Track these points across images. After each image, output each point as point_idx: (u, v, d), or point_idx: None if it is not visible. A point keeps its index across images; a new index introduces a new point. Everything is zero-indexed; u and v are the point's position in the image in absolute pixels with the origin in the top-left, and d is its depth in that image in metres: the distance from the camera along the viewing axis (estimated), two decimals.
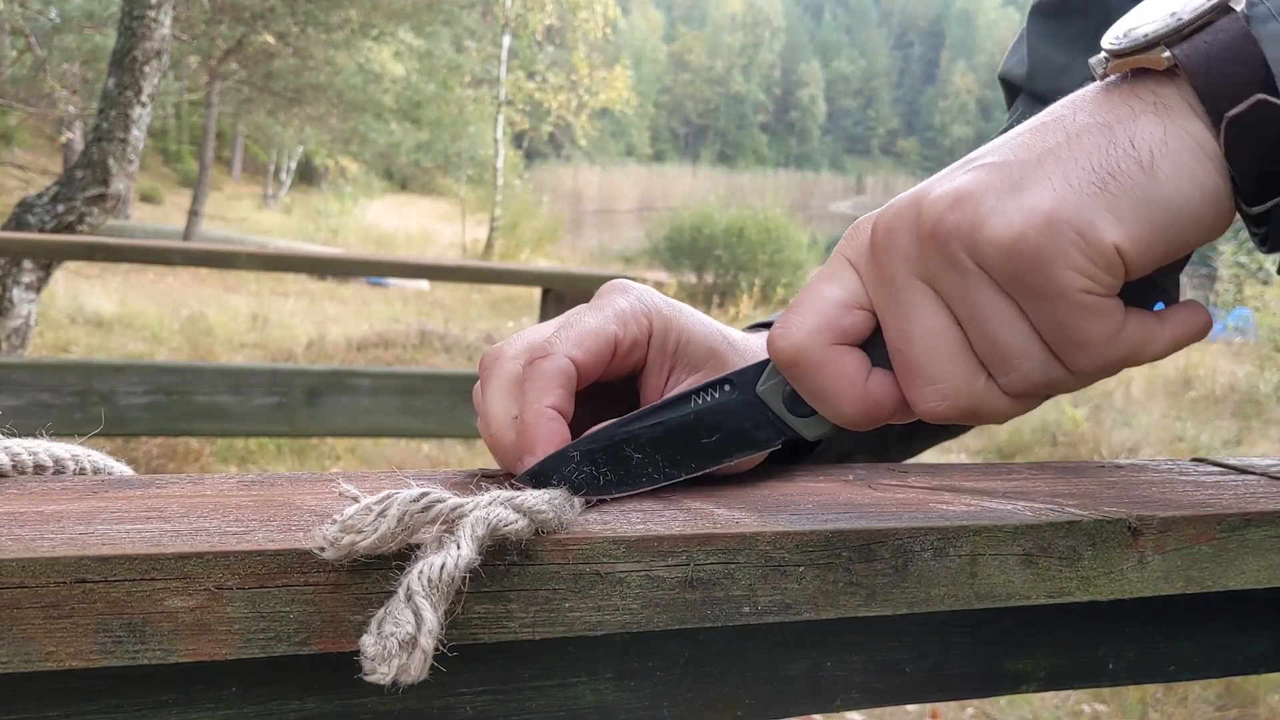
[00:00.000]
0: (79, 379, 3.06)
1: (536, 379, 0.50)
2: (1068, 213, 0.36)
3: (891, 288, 0.40)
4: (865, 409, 0.42)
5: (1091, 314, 0.37)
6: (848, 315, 0.41)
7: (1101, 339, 0.38)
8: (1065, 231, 0.36)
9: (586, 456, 0.46)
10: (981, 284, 0.38)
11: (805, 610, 0.46)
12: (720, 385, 0.46)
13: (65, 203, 5.15)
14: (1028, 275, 0.37)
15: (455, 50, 18.85)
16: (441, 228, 24.36)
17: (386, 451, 5.58)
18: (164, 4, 5.22)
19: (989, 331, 0.38)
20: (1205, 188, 0.37)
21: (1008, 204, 0.37)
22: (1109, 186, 0.37)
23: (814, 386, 0.42)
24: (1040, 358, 0.39)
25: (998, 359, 0.39)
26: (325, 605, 0.39)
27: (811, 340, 0.41)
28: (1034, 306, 0.38)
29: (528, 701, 0.48)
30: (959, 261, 0.38)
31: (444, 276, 5.57)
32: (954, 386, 0.40)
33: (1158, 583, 0.50)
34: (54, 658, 0.37)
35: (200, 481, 0.49)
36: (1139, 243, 0.36)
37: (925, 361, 0.40)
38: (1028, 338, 0.38)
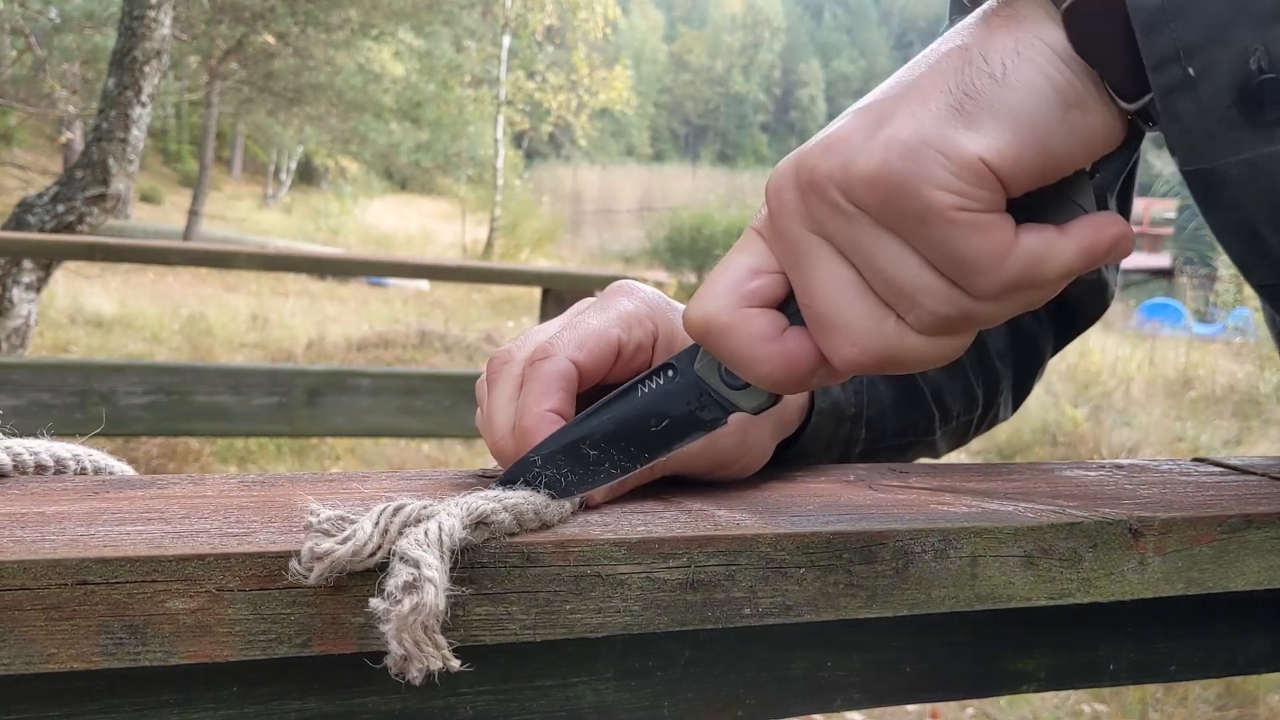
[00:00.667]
0: (79, 379, 3.06)
1: (536, 381, 0.50)
2: (926, 134, 0.37)
3: (788, 244, 0.41)
4: (784, 367, 0.42)
5: (972, 230, 0.37)
6: (755, 279, 0.42)
7: (989, 255, 0.37)
8: (925, 153, 0.37)
9: (548, 460, 0.47)
10: (864, 224, 0.38)
11: (806, 611, 0.46)
12: (664, 370, 0.47)
13: (65, 203, 5.15)
14: (898, 202, 0.37)
15: (455, 50, 18.84)
16: (441, 228, 24.35)
17: (386, 451, 5.58)
18: (164, 4, 5.22)
19: (882, 269, 0.39)
20: (1062, 89, 0.37)
21: (871, 140, 0.38)
22: (965, 105, 0.37)
23: (730, 351, 0.42)
24: (939, 288, 0.39)
25: (898, 296, 0.39)
26: (326, 607, 0.39)
27: (718, 303, 0.42)
28: (916, 235, 0.38)
29: (528, 701, 0.48)
30: (838, 205, 0.39)
31: (444, 276, 5.57)
32: (863, 330, 0.40)
33: (1158, 584, 0.50)
34: (55, 659, 0.37)
35: (201, 482, 0.49)
36: (1004, 153, 0.36)
37: (830, 310, 0.40)
38: (921, 269, 0.38)
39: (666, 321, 0.54)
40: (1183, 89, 0.37)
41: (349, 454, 5.49)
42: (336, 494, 0.48)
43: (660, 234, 16.22)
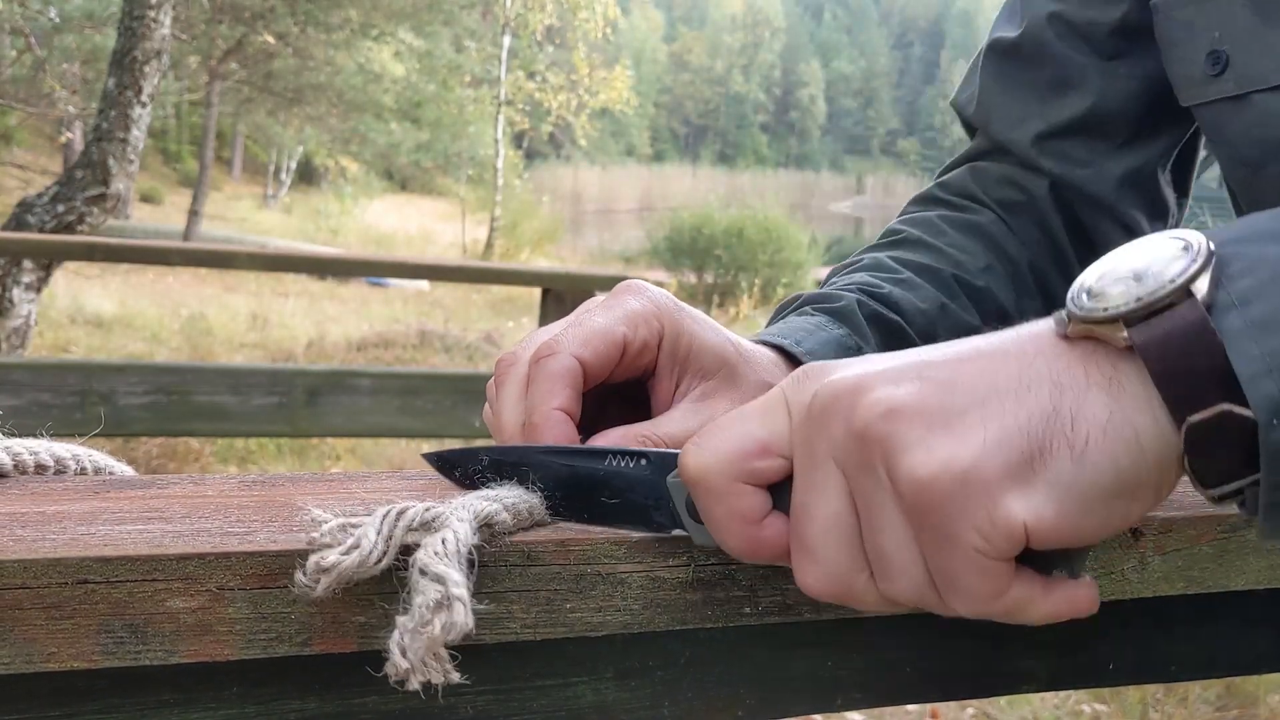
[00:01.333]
0: (79, 379, 3.06)
1: (542, 380, 0.50)
2: (985, 475, 0.36)
3: (810, 458, 0.40)
4: (751, 549, 0.41)
5: (979, 571, 0.37)
6: (763, 459, 0.41)
7: (981, 595, 0.38)
8: (976, 494, 0.36)
9: (494, 465, 0.46)
10: (887, 498, 0.38)
11: (806, 610, 0.46)
12: (639, 457, 0.46)
13: (65, 203, 5.15)
14: (929, 516, 0.37)
15: (455, 50, 18.84)
16: (441, 228, 24.35)
17: (386, 451, 5.58)
18: (164, 4, 5.22)
19: (880, 542, 0.39)
20: (1127, 483, 0.36)
21: (935, 438, 0.37)
22: (1034, 463, 0.36)
23: (710, 513, 0.42)
24: (920, 581, 0.39)
25: (882, 567, 0.39)
26: (327, 606, 0.39)
27: (719, 469, 0.41)
28: (927, 541, 0.37)
29: (529, 701, 0.48)
30: (874, 470, 0.38)
31: (444, 276, 5.58)
32: (836, 573, 0.40)
33: (1159, 583, 0.50)
34: (56, 658, 0.37)
35: (201, 482, 0.49)
36: (1045, 524, 0.36)
37: (817, 541, 0.40)
38: (914, 561, 0.38)
39: (673, 322, 0.54)
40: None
41: (349, 454, 5.49)
42: (336, 494, 0.48)
43: (660, 234, 16.21)
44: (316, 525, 0.39)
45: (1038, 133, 0.80)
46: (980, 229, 0.80)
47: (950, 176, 0.86)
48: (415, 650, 0.36)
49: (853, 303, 0.69)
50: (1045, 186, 0.81)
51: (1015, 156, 0.82)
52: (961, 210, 0.82)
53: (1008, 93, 0.82)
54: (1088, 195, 0.80)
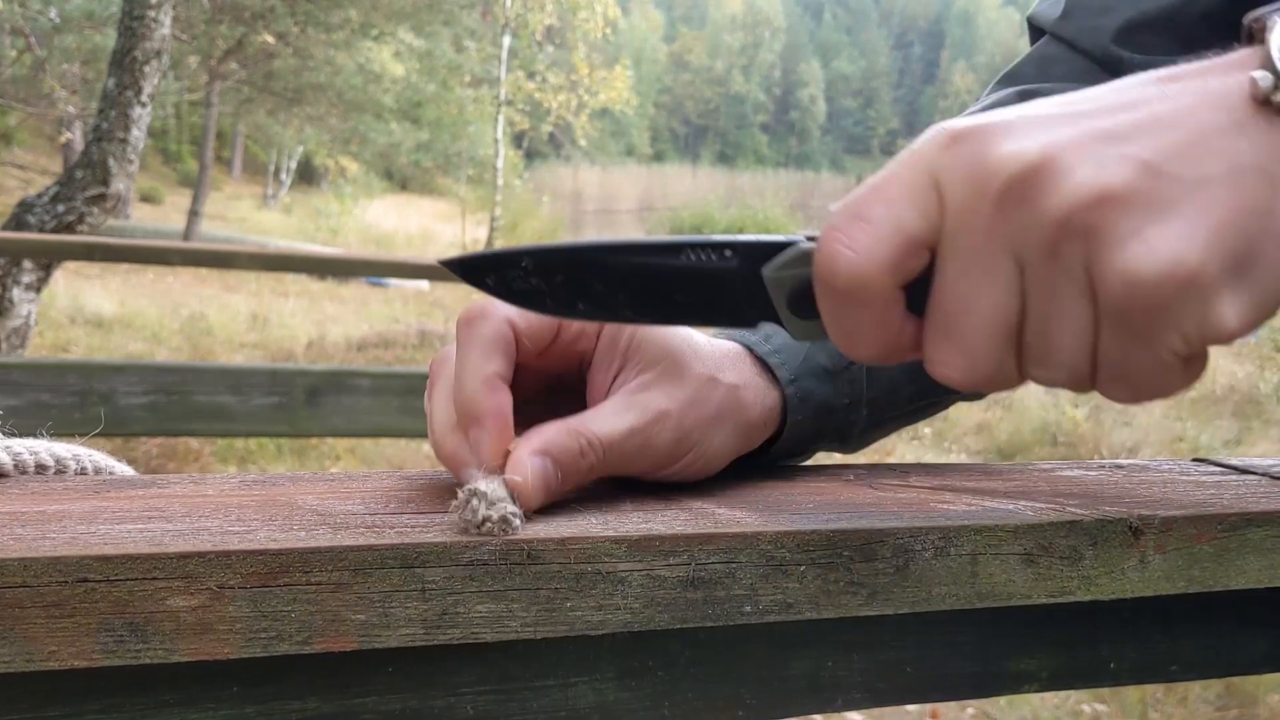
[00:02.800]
0: (79, 379, 3.06)
1: (473, 344, 0.46)
2: (1208, 277, 0.33)
3: (980, 249, 0.35)
4: (882, 353, 0.38)
5: (1163, 369, 0.35)
6: (916, 256, 0.36)
7: (1154, 388, 0.35)
8: (1196, 297, 0.33)
9: (539, 267, 0.41)
10: (1077, 291, 0.34)
11: (806, 609, 0.46)
12: (720, 249, 0.40)
13: (65, 203, 5.15)
14: (1137, 316, 0.33)
15: (455, 50, 18.85)
16: (441, 228, 24.36)
17: (386, 451, 5.58)
18: (164, 4, 5.22)
19: (1053, 332, 0.35)
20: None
21: (1154, 233, 0.33)
22: (1244, 265, 0.33)
23: (852, 319, 0.37)
24: (1084, 370, 0.36)
25: (1043, 354, 0.36)
26: (327, 605, 0.39)
27: (882, 278, 0.36)
28: (1119, 338, 0.34)
29: (529, 701, 0.48)
30: (1070, 261, 0.34)
31: (444, 276, 5.58)
32: (983, 364, 0.36)
33: (1159, 582, 0.50)
34: (56, 657, 0.37)
35: (201, 481, 0.49)
36: (1247, 327, 0.34)
37: (973, 337, 0.36)
38: (1086, 350, 0.35)
39: None
40: None
41: (349, 454, 5.49)
42: (336, 494, 0.48)
43: (660, 233, 16.24)
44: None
45: (1126, 20, 0.75)
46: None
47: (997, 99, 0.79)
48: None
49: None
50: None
51: (1086, 53, 0.77)
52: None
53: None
54: None
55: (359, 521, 0.43)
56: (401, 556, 0.40)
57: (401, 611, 0.40)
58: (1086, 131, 0.35)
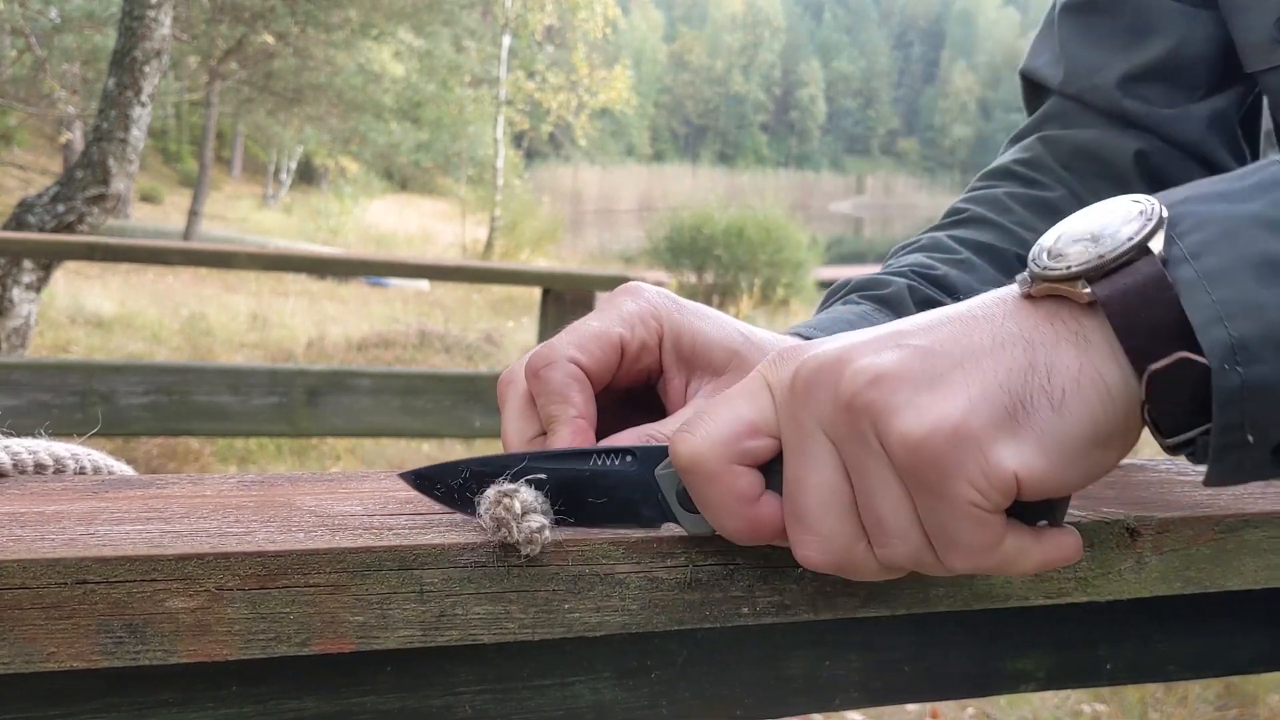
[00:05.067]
0: (79, 379, 3.05)
1: (549, 391, 0.50)
2: (975, 429, 0.37)
3: (799, 433, 0.41)
4: (748, 529, 0.42)
5: (974, 524, 0.38)
6: (753, 438, 0.42)
7: (978, 548, 0.39)
8: (969, 447, 0.37)
9: (475, 477, 0.46)
10: (880, 463, 0.39)
11: (804, 611, 0.46)
12: (624, 454, 0.46)
13: (65, 203, 5.15)
14: (924, 474, 0.38)
15: (455, 50, 18.85)
16: (441, 228, 24.35)
17: (386, 451, 5.58)
18: (164, 4, 5.22)
19: (875, 506, 0.40)
20: (1101, 432, 0.38)
21: (922, 399, 0.38)
22: (1018, 414, 0.38)
23: (704, 496, 0.42)
24: (917, 543, 0.40)
25: (878, 531, 0.40)
26: (325, 606, 0.39)
27: (712, 453, 0.41)
28: (923, 500, 0.39)
29: (527, 700, 0.48)
30: (864, 437, 0.39)
31: (444, 276, 5.58)
32: (834, 543, 0.41)
33: (1156, 583, 0.50)
34: (55, 658, 0.37)
35: (200, 482, 0.49)
36: (1034, 473, 0.38)
37: (814, 513, 0.40)
38: (910, 522, 0.39)
39: (673, 321, 0.53)
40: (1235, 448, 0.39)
41: (349, 454, 5.49)
42: (335, 494, 0.48)
43: (660, 234, 16.22)
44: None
45: (1122, 74, 0.79)
46: (1051, 205, 0.79)
47: (1021, 148, 0.84)
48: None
49: (903, 289, 0.68)
50: (1130, 151, 0.79)
51: (1096, 108, 0.80)
52: (1031, 185, 0.81)
53: (1089, 44, 0.81)
54: (1175, 140, 0.79)
55: (357, 523, 0.43)
56: (400, 558, 0.40)
57: (399, 613, 0.40)
58: (880, 335, 0.41)
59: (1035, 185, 0.81)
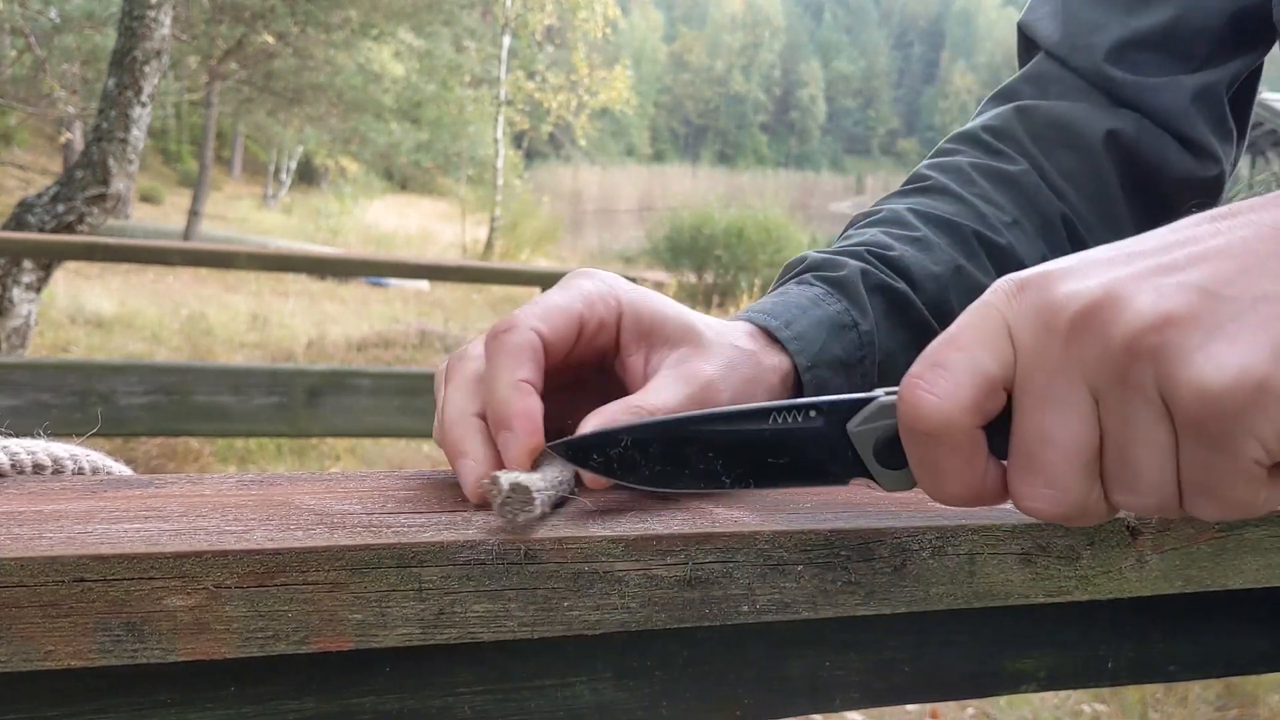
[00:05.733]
0: (79, 379, 3.06)
1: (504, 353, 0.48)
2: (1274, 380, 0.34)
3: (1054, 386, 0.37)
4: (968, 493, 0.39)
5: (1246, 481, 0.35)
6: (994, 397, 0.38)
7: (1241, 503, 0.36)
8: (1268, 402, 0.34)
9: (638, 444, 0.44)
10: (1152, 411, 0.36)
11: (804, 609, 0.46)
12: (805, 410, 0.43)
13: (65, 203, 5.15)
14: (1211, 426, 0.35)
15: (455, 50, 18.86)
16: (441, 228, 24.36)
17: (386, 451, 5.58)
18: (164, 4, 5.22)
19: (1133, 456, 0.37)
20: None
21: (1218, 348, 0.35)
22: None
23: (936, 461, 0.39)
24: (1169, 494, 0.37)
25: (1127, 480, 0.37)
26: (324, 604, 0.39)
27: (964, 419, 0.38)
28: (1197, 454, 0.36)
29: (527, 700, 0.48)
30: (1141, 384, 0.36)
31: (444, 276, 5.58)
32: (1068, 496, 0.38)
33: (1157, 582, 0.50)
34: (53, 657, 0.37)
35: (199, 481, 0.49)
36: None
37: (1056, 468, 0.37)
38: (1168, 473, 0.36)
39: (630, 299, 0.53)
40: None
41: (349, 454, 5.49)
42: (334, 493, 0.48)
43: (660, 234, 16.23)
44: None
45: (1117, 38, 0.77)
46: (1011, 180, 0.76)
47: (994, 115, 0.82)
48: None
49: (856, 272, 0.66)
50: (1101, 130, 0.76)
51: (1079, 72, 0.78)
52: (996, 155, 0.78)
53: (1090, 4, 0.79)
54: (1157, 111, 0.76)
55: (356, 521, 0.43)
56: (398, 556, 0.40)
57: (398, 611, 0.40)
58: (1144, 267, 0.37)
59: (999, 156, 0.78)
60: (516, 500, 0.41)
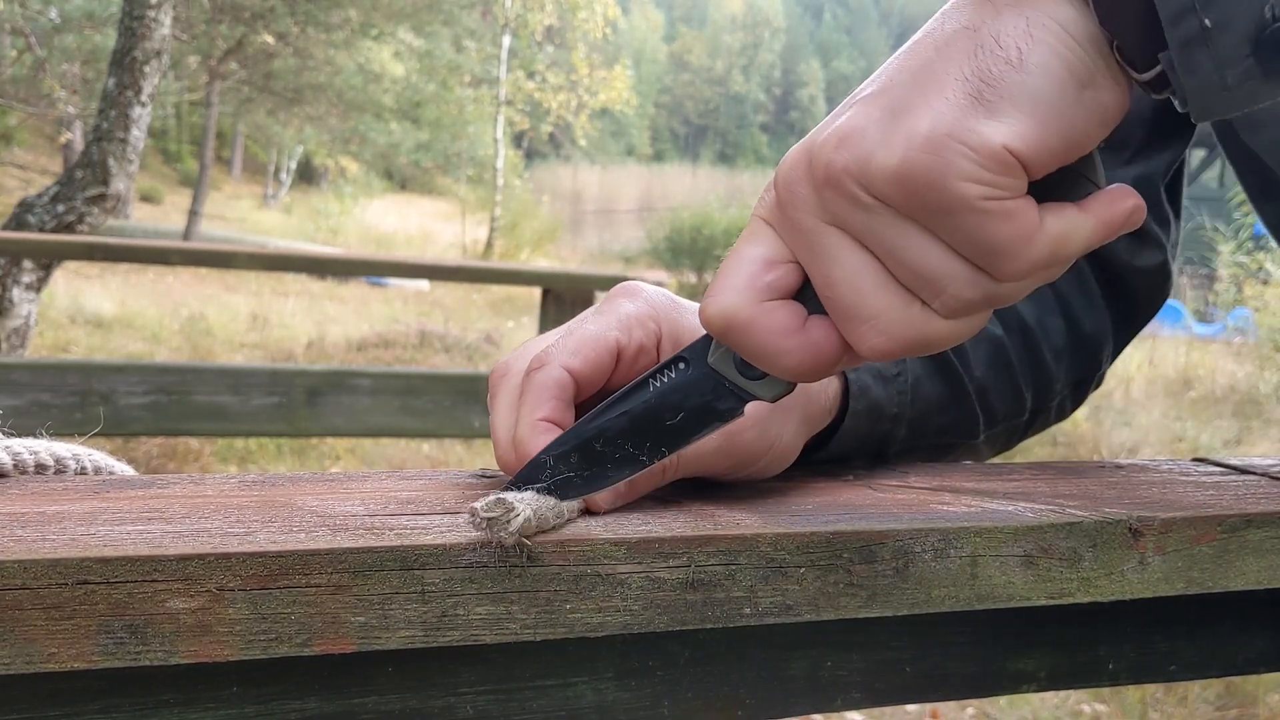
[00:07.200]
0: (79, 379, 3.05)
1: (530, 391, 0.50)
2: (947, 126, 0.36)
3: (804, 236, 0.40)
4: (809, 358, 0.41)
5: (999, 219, 0.37)
6: (770, 271, 0.41)
7: (1017, 241, 0.38)
8: (950, 146, 0.36)
9: (560, 459, 0.46)
10: (886, 216, 0.38)
11: (806, 611, 0.46)
12: (675, 364, 0.46)
13: (65, 203, 5.15)
14: (924, 197, 0.37)
15: (455, 50, 18.84)
16: (441, 228, 24.35)
17: (386, 451, 5.58)
18: (164, 4, 5.22)
19: (906, 260, 0.39)
20: (1077, 69, 0.37)
21: (889, 132, 0.37)
22: (984, 93, 0.37)
23: (752, 346, 0.41)
24: (965, 274, 0.39)
25: (923, 284, 0.39)
26: (326, 606, 0.39)
27: (738, 300, 0.41)
28: (941, 225, 0.38)
29: (529, 701, 0.48)
30: (857, 199, 0.38)
31: (444, 276, 5.58)
32: (889, 320, 0.40)
33: (1158, 583, 0.50)
34: (56, 659, 0.37)
35: (201, 482, 0.49)
36: (1029, 139, 0.36)
37: (854, 301, 0.40)
38: (946, 257, 0.38)
39: (671, 321, 0.53)
40: (1199, 42, 0.36)
41: (349, 454, 5.49)
42: (336, 494, 0.48)
43: (660, 234, 16.22)
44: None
45: None
46: None
47: None
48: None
49: None
50: None
51: None
52: None
53: None
54: None
55: (358, 523, 0.43)
56: (401, 558, 0.40)
57: (401, 613, 0.40)
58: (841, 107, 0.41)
59: None
60: (500, 515, 0.42)
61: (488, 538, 0.41)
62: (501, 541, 0.41)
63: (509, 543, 0.41)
